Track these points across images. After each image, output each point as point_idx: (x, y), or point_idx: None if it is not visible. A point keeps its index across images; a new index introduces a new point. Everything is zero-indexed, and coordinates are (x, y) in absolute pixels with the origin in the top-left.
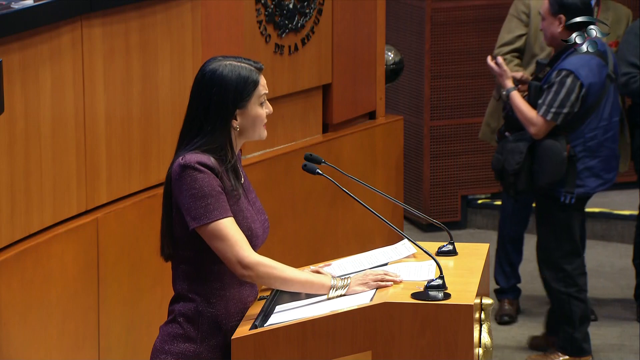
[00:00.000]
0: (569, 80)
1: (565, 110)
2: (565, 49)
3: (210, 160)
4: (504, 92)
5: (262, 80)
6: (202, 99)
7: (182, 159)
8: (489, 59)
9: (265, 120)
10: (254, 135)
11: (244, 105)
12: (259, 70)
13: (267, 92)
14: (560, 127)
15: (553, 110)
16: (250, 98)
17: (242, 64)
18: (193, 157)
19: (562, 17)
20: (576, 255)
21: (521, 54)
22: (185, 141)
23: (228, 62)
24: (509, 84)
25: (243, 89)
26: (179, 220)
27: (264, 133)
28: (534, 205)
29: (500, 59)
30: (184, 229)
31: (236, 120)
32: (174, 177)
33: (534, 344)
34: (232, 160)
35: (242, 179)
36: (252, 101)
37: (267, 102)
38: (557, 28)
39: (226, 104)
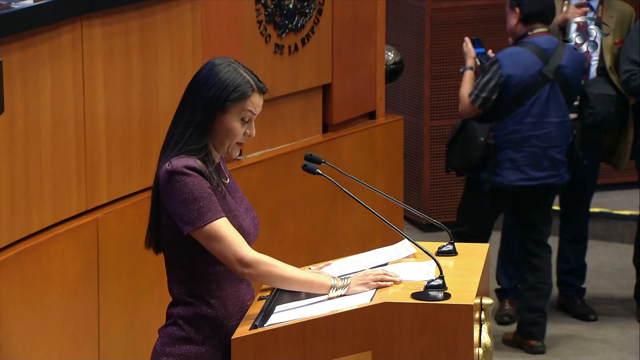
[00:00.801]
0: (493, 68)
1: (483, 95)
2: (517, 40)
3: (197, 163)
4: (461, 70)
5: (255, 99)
6: (191, 90)
7: (168, 165)
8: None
9: (241, 140)
10: (222, 147)
11: (224, 110)
12: (260, 90)
13: (255, 113)
14: (488, 115)
15: (475, 92)
16: (232, 106)
17: (246, 76)
18: (180, 162)
19: (518, 9)
20: (472, 237)
21: None
22: (171, 133)
23: (234, 65)
24: (469, 63)
25: (229, 93)
26: (170, 226)
27: (235, 152)
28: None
29: (466, 39)
30: (175, 235)
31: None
32: (162, 183)
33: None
34: (215, 163)
35: (228, 179)
36: (233, 110)
37: (252, 124)
38: (514, 20)
39: (208, 100)
